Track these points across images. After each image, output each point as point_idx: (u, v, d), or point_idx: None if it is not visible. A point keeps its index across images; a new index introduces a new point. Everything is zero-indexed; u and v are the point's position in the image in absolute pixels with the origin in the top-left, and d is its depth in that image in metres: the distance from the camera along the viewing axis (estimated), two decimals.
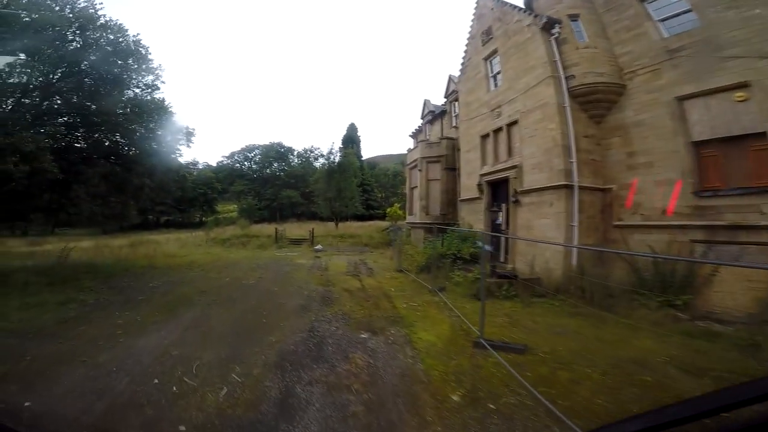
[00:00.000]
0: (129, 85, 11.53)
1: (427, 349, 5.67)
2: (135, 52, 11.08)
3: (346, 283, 10.62)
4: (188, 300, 8.39)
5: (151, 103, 11.99)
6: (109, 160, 11.66)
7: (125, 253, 18.50)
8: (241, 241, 23.39)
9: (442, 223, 16.24)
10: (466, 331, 6.57)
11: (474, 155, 14.07)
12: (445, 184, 16.71)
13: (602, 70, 10.28)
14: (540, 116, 10.79)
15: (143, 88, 11.95)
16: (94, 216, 13.26)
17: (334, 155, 31.54)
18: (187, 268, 13.69)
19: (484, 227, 12.69)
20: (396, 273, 12.53)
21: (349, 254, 18.66)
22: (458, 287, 10.05)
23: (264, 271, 12.62)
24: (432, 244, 13.21)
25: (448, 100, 20.20)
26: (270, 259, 16.37)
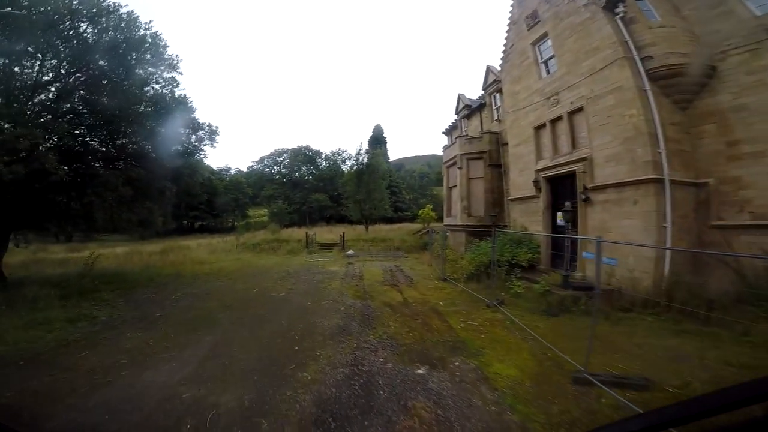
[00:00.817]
0: (148, 81, 10.82)
1: (512, 390, 4.30)
2: (152, 45, 10.31)
3: (385, 296, 9.30)
4: (210, 318, 7.34)
5: (171, 101, 11.23)
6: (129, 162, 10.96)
7: (154, 260, 18.15)
8: (271, 246, 22.68)
9: (488, 225, 14.61)
10: (554, 360, 5.17)
11: (526, 149, 12.42)
12: (489, 183, 15.08)
13: (685, 50, 8.82)
14: (613, 102, 9.16)
15: (163, 84, 11.24)
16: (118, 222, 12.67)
17: (363, 156, 30.49)
18: (215, 277, 12.86)
19: (543, 229, 11.01)
20: (439, 282, 11.09)
21: (383, 260, 17.38)
22: (520, 300, 8.52)
23: (295, 281, 11.53)
24: (478, 249, 11.67)
25: (486, 92, 18.56)
26: (301, 266, 15.35)
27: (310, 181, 60.90)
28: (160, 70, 10.96)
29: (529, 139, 12.29)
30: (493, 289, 9.12)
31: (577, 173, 9.89)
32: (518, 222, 12.41)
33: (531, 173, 11.85)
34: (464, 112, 21.33)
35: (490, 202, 14.94)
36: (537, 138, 11.99)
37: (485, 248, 11.43)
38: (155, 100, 10.82)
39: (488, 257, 10.69)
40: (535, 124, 12.03)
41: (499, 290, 9.19)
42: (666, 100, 8.94)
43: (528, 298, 8.56)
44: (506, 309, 7.74)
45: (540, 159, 11.72)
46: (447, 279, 11.28)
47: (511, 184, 13.15)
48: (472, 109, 20.42)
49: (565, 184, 10.67)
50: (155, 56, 10.51)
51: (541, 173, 11.35)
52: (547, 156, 11.47)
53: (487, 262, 10.60)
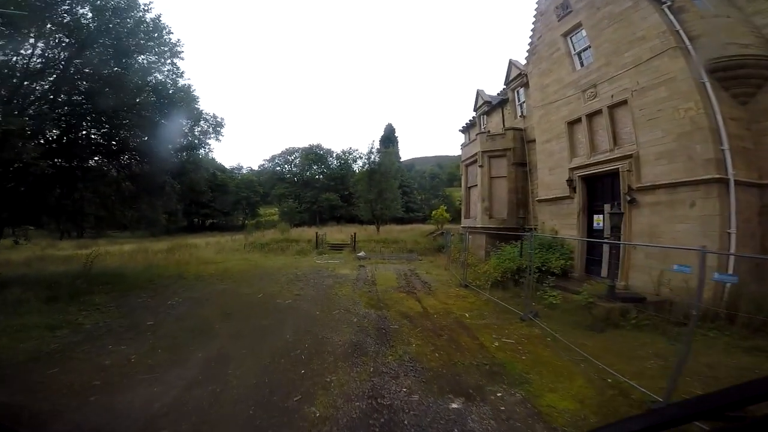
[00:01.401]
0: (150, 69, 10.07)
1: (578, 430, 3.37)
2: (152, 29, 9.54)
3: (402, 305, 8.38)
4: (206, 329, 6.52)
5: (174, 90, 10.47)
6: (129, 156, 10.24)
7: (159, 259, 17.55)
8: (280, 246, 21.96)
9: (512, 228, 13.59)
10: (617, 388, 4.32)
11: (557, 145, 11.37)
12: (513, 182, 14.03)
13: (747, 41, 8.00)
14: (665, 94, 8.21)
15: (166, 74, 10.47)
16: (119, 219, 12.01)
17: (374, 155, 29.56)
18: (219, 278, 12.10)
19: (578, 233, 9.96)
20: (460, 289, 10.11)
21: (396, 262, 16.46)
22: (557, 312, 7.55)
23: (303, 285, 10.68)
24: (504, 254, 10.66)
25: (509, 88, 17.48)
26: (310, 267, 14.52)
27: (320, 180, 60.34)
28: (162, 59, 10.21)
29: (561, 135, 11.25)
30: (524, 299, 8.15)
31: (620, 172, 8.84)
32: (547, 225, 11.36)
33: (563, 172, 10.81)
34: (483, 109, 20.28)
35: (513, 203, 13.89)
36: (570, 134, 10.95)
37: (511, 253, 10.44)
38: (157, 89, 10.06)
39: (516, 263, 9.72)
40: (568, 119, 11.00)
41: (530, 300, 8.21)
42: (725, 94, 8.01)
43: (566, 310, 7.55)
44: (543, 323, 6.75)
45: (574, 156, 10.67)
46: (468, 285, 10.31)
47: (540, 184, 12.10)
48: (493, 106, 19.37)
49: (603, 184, 9.63)
50: (155, 41, 9.75)
51: (576, 172, 10.30)
52: (582, 153, 10.41)
53: (515, 268, 9.62)
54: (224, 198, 61.05)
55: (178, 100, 10.41)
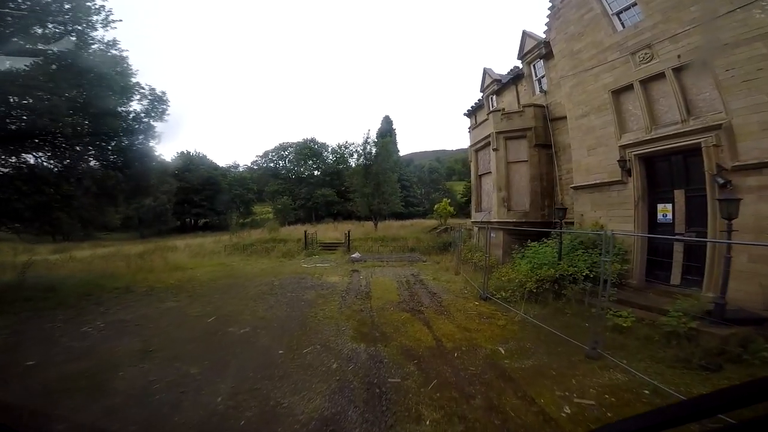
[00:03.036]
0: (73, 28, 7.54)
1: None
2: None
3: (405, 334, 5.98)
4: (101, 379, 4.12)
5: (100, 59, 7.97)
6: (18, 147, 7.77)
7: (122, 266, 15.12)
8: (265, 247, 19.54)
9: (536, 222, 11.20)
10: None
11: (598, 120, 8.94)
12: (536, 168, 11.60)
13: None
14: (765, 50, 5.77)
15: (80, 34, 7.87)
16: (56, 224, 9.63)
17: (370, 145, 26.99)
18: (174, 292, 9.70)
19: (638, 228, 7.54)
20: (481, 304, 7.72)
21: (396, 264, 14.06)
22: (629, 339, 5.21)
23: (275, 302, 8.27)
24: (537, 256, 8.25)
25: (524, 61, 15.01)
26: (292, 274, 12.10)
27: (316, 176, 57.81)
28: (85, 21, 7.71)
29: (603, 106, 8.82)
30: (575, 318, 5.81)
31: (704, 148, 6.41)
32: (588, 217, 8.92)
33: (609, 151, 8.39)
34: (493, 88, 17.77)
35: (537, 192, 11.47)
36: (617, 105, 8.53)
37: (546, 254, 8.02)
38: (69, 57, 7.51)
39: (555, 268, 7.31)
40: (613, 87, 8.58)
41: (582, 319, 5.88)
42: None
43: (644, 337, 5.18)
44: (621, 359, 4.42)
45: (624, 132, 8.24)
46: (490, 298, 7.92)
47: (575, 168, 9.64)
48: (503, 84, 16.88)
49: (672, 165, 7.26)
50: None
51: (631, 150, 7.86)
52: (637, 127, 7.99)
53: (555, 275, 7.21)
54: (217, 197, 58.66)
55: (106, 74, 7.88)
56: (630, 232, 7.53)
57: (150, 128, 10.13)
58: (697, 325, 4.79)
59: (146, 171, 11.04)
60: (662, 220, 7.30)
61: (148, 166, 11.23)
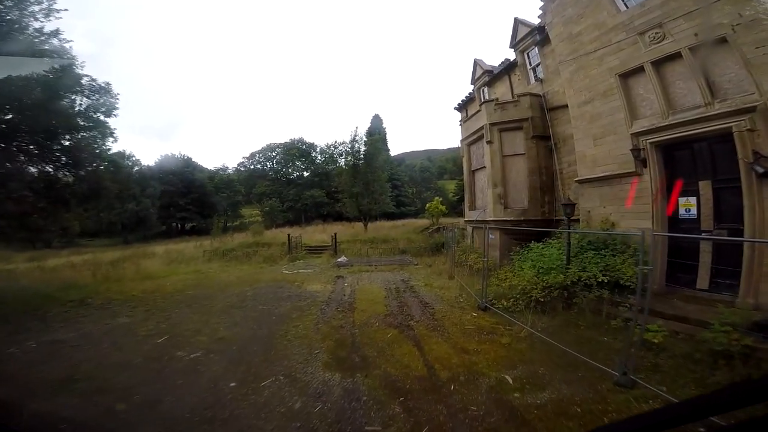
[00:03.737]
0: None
1: None
2: None
3: (391, 357, 4.97)
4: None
5: (40, 50, 6.81)
6: None
7: (87, 275, 13.87)
8: (246, 252, 18.36)
9: (536, 220, 10.30)
10: None
11: (605, 106, 8.06)
12: (534, 161, 10.69)
13: None
14: None
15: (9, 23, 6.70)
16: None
17: (359, 143, 25.92)
18: (133, 305, 8.58)
19: (657, 225, 6.63)
20: (480, 315, 6.74)
21: (385, 269, 13.03)
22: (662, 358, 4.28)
23: (241, 318, 7.18)
24: (543, 259, 7.31)
25: (517, 50, 14.15)
26: (270, 282, 11.01)
27: (304, 176, 56.58)
28: None
29: (609, 91, 7.95)
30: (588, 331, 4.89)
31: (735, 133, 5.54)
32: (595, 214, 8.00)
33: (619, 140, 7.51)
34: (484, 80, 16.88)
35: (536, 187, 10.55)
36: (625, 89, 7.65)
37: (552, 256, 7.08)
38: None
39: (565, 273, 6.37)
40: (620, 71, 7.73)
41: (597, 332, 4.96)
42: None
43: (682, 355, 4.25)
44: (660, 387, 3.50)
45: (636, 119, 7.35)
46: (489, 308, 6.95)
47: (579, 159, 8.73)
48: (495, 75, 15.98)
49: (695, 153, 6.38)
50: None
51: (646, 138, 6.96)
52: (650, 113, 7.12)
53: (565, 282, 6.27)
54: (203, 200, 57.03)
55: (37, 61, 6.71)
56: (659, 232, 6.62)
57: (100, 125, 8.94)
58: (753, 341, 3.87)
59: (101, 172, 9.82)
60: (685, 215, 6.41)
61: (95, 164, 9.99)
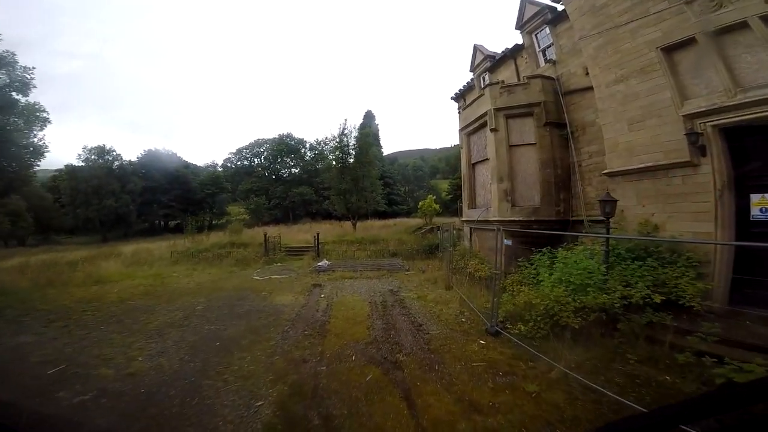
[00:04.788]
0: None
1: None
2: None
3: (368, 421, 3.33)
4: None
5: None
6: None
7: (25, 280, 12.01)
8: (219, 253, 16.50)
9: (551, 221, 8.76)
10: None
11: (645, 84, 6.54)
12: (547, 151, 9.10)
13: None
14: None
15: None
16: None
17: (348, 136, 24.12)
18: (52, 318, 6.92)
19: (721, 228, 5.08)
20: (491, 344, 5.12)
21: (372, 274, 11.35)
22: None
23: (175, 342, 5.46)
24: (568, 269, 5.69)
25: (524, 32, 12.66)
26: (233, 291, 9.27)
27: (293, 173, 54.61)
28: None
29: (650, 67, 6.42)
30: (646, 368, 3.34)
31: None
32: (631, 213, 6.43)
33: (666, 123, 5.98)
34: (485, 66, 15.34)
35: (550, 182, 8.97)
36: (670, 65, 6.12)
37: (582, 265, 5.49)
38: None
39: (610, 293, 4.78)
40: (663, 44, 6.19)
41: (662, 371, 3.40)
42: None
43: None
44: None
45: (688, 98, 5.82)
46: (502, 332, 5.35)
47: (610, 148, 7.16)
48: (498, 59, 14.43)
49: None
50: None
51: (705, 120, 5.41)
52: (707, 91, 5.59)
53: (607, 302, 4.69)
54: (187, 196, 54.67)
55: None
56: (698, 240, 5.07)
57: (11, 104, 7.14)
58: None
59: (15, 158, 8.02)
60: (760, 216, 4.87)
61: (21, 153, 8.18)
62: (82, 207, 48.84)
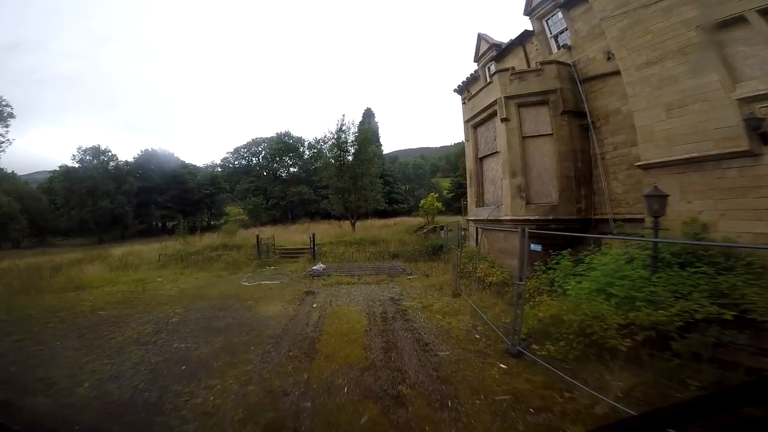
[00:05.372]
0: None
1: None
2: None
3: None
4: None
5: None
6: None
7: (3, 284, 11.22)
8: (209, 256, 15.61)
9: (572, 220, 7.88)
10: None
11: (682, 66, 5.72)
12: (566, 143, 8.20)
13: None
14: None
15: None
16: None
17: (346, 132, 23.16)
18: (3, 332, 5.94)
19: None
20: (513, 367, 4.23)
21: (371, 280, 10.38)
22: None
23: (132, 364, 4.57)
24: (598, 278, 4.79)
25: (533, 17, 11.79)
26: (217, 299, 8.38)
27: (291, 172, 53.73)
28: None
29: (689, 48, 5.63)
30: None
31: None
32: (673, 211, 5.51)
33: (713, 108, 5.17)
34: (491, 54, 14.44)
35: (570, 176, 8.06)
36: (715, 44, 5.25)
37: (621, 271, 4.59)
38: None
39: (668, 309, 3.88)
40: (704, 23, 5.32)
41: None
42: None
43: None
44: None
45: (739, 81, 4.95)
46: (525, 352, 4.45)
47: (644, 137, 6.25)
48: (505, 48, 13.56)
49: None
50: None
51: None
52: (760, 73, 4.73)
53: (663, 317, 3.80)
54: (184, 197, 53.71)
55: None
56: None
57: None
58: None
59: None
60: None
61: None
62: (76, 208, 48.00)
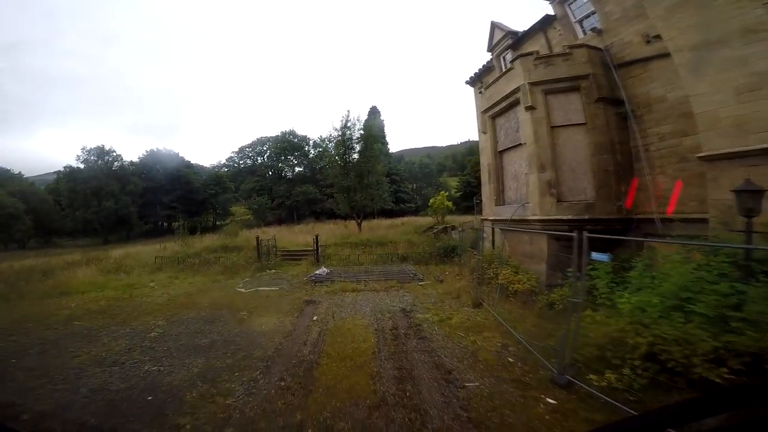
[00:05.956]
0: None
1: None
2: None
3: None
4: None
5: None
6: None
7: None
8: (207, 258, 14.76)
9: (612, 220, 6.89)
10: None
11: (752, 47, 4.82)
12: (602, 134, 7.18)
13: None
14: None
15: None
16: None
17: (351, 129, 22.19)
18: None
19: None
20: (563, 404, 3.27)
21: (378, 286, 9.41)
22: None
23: (84, 395, 3.67)
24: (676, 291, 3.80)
25: (556, 2, 10.80)
26: (207, 309, 7.51)
27: (296, 171, 53.04)
28: None
29: (759, 26, 4.64)
30: None
31: None
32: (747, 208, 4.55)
33: None
34: (506, 43, 13.42)
35: (608, 170, 7.02)
36: None
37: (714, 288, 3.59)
38: None
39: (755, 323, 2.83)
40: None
41: None
42: None
43: None
44: None
45: None
46: (575, 382, 3.50)
47: (706, 125, 5.22)
48: (525, 33, 12.56)
49: None
50: None
51: None
52: None
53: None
54: (189, 197, 53.24)
55: None
56: None
57: None
58: None
59: None
60: None
61: None
62: (81, 209, 47.81)
